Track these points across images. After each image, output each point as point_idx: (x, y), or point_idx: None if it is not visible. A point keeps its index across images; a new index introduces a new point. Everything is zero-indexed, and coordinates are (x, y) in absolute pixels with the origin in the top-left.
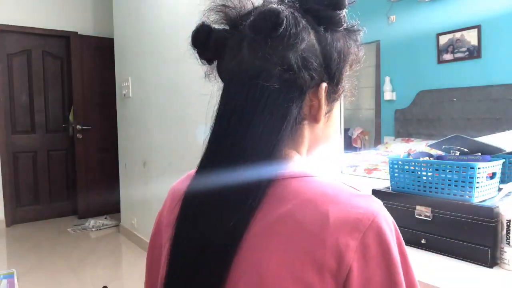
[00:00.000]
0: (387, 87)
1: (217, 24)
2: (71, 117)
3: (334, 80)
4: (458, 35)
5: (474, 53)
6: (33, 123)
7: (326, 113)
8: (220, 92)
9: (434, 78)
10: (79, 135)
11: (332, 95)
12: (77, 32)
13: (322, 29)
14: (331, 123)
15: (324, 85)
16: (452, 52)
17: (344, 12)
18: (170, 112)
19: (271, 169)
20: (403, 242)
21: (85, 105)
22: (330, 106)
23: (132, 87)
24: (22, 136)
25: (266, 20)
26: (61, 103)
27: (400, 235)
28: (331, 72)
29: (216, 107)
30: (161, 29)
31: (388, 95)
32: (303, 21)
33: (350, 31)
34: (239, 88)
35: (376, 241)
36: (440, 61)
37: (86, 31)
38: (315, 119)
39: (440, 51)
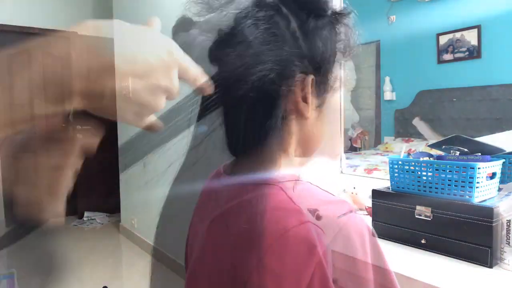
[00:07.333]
0: (387, 87)
1: (198, 16)
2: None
3: (320, 71)
4: (458, 35)
5: (474, 53)
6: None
7: (317, 107)
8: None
9: (434, 78)
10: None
11: (322, 86)
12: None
13: (305, 15)
14: (325, 117)
15: (309, 78)
16: (452, 52)
17: None
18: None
19: (251, 176)
20: (380, 246)
21: None
22: (322, 98)
23: None
24: None
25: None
26: None
27: (377, 241)
28: (315, 62)
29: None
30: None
31: (388, 95)
32: (284, 9)
33: (340, 14)
34: (218, 83)
35: (343, 249)
36: (440, 61)
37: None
38: (303, 115)
39: (440, 51)
